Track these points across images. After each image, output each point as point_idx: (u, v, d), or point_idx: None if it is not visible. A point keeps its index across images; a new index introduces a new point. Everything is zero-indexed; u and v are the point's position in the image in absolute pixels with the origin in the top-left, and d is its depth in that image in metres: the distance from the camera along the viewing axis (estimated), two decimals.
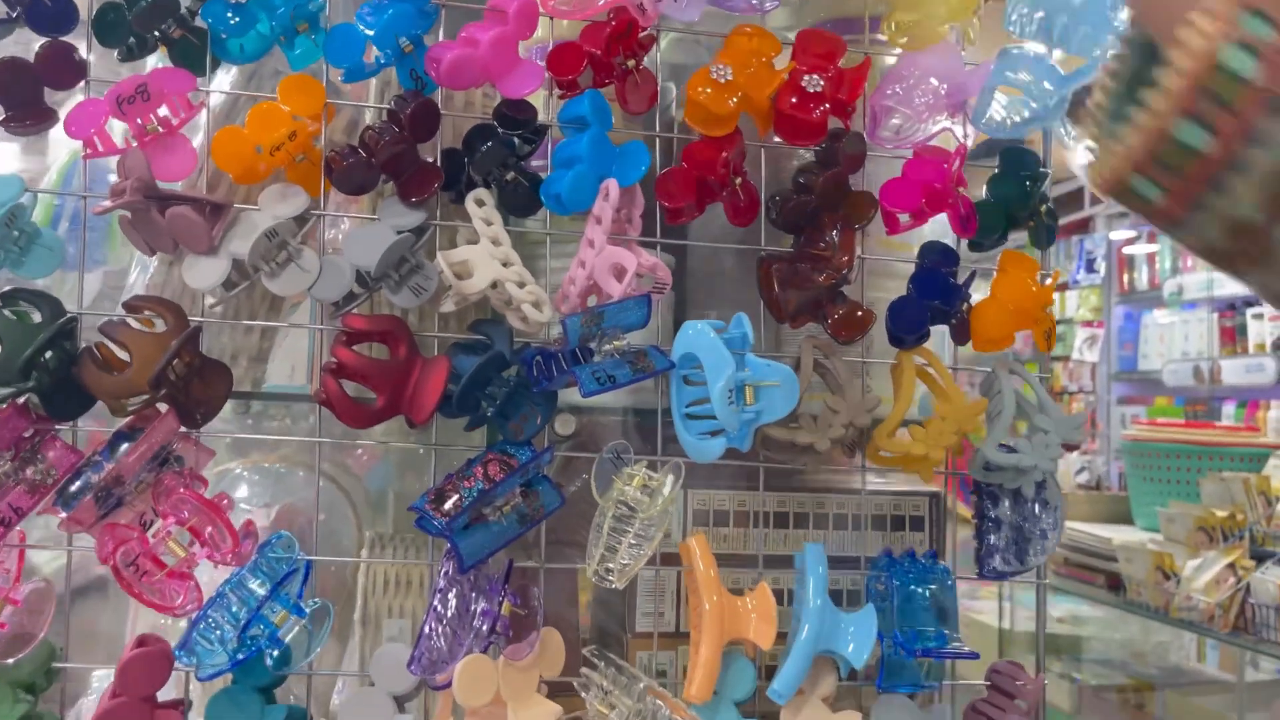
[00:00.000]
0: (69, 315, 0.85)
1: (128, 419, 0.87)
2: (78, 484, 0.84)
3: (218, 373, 0.89)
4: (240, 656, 0.84)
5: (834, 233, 0.94)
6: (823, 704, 0.94)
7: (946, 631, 0.94)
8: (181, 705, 0.88)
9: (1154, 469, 3.43)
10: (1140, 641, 3.31)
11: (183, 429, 0.87)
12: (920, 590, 0.95)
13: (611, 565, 0.89)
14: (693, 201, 0.92)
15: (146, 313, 0.87)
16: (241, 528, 0.86)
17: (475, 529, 0.88)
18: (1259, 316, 5.37)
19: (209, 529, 0.83)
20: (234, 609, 0.85)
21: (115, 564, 0.79)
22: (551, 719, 0.87)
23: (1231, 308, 5.56)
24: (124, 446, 0.85)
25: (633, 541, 0.89)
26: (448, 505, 0.87)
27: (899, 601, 0.94)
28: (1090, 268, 5.81)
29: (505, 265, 0.91)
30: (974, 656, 0.93)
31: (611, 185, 0.91)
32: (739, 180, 0.93)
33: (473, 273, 0.90)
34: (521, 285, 0.90)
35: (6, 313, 0.85)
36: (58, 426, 0.87)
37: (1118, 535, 2.94)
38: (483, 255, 0.91)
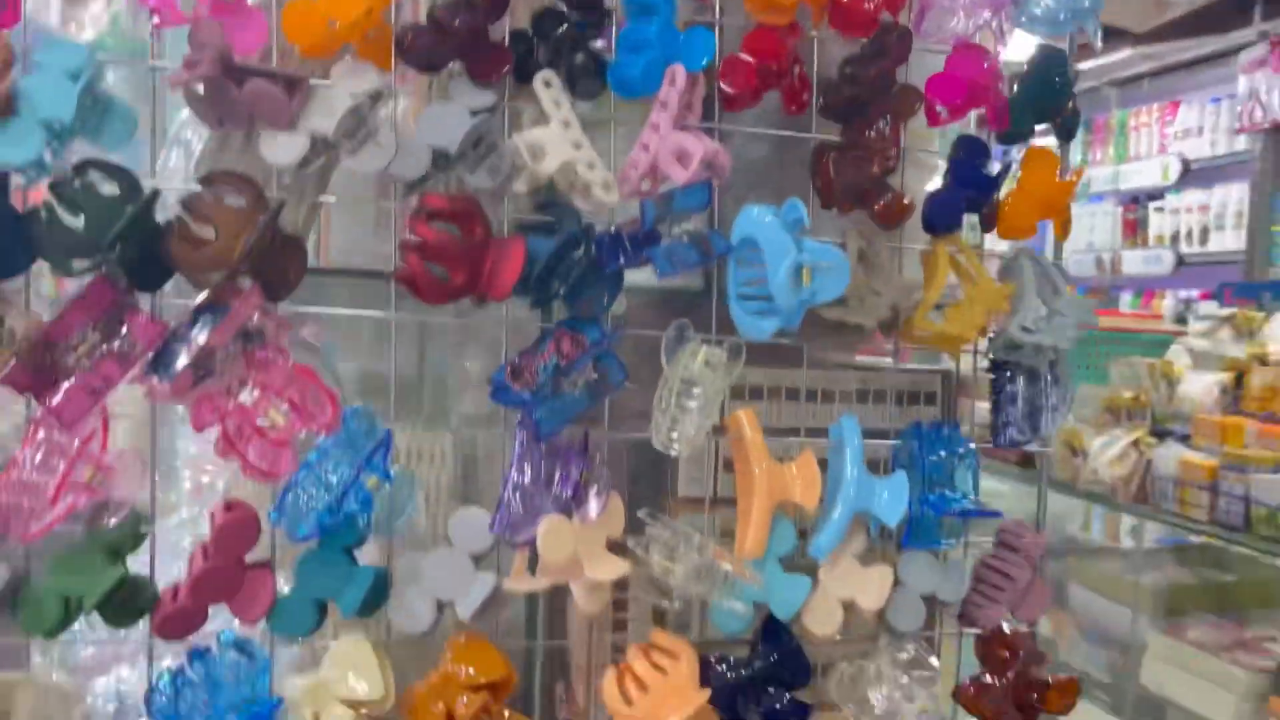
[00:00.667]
0: (153, 189, 0.85)
1: (207, 294, 0.88)
2: (169, 355, 0.85)
3: (295, 249, 0.91)
4: (329, 521, 0.89)
5: (882, 124, 0.99)
6: (855, 560, 1.04)
7: (968, 494, 1.04)
8: (269, 564, 0.92)
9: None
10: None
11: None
12: (946, 457, 1.04)
13: (676, 434, 0.95)
14: (755, 88, 0.96)
15: (225, 187, 0.87)
16: None
17: (549, 401, 0.93)
18: (1160, 210, 5.64)
19: (303, 398, 0.86)
20: (325, 476, 0.89)
21: (226, 432, 0.82)
22: (621, 572, 0.95)
23: (1135, 201, 5.82)
24: (206, 319, 0.87)
25: (696, 413, 0.95)
26: (525, 378, 0.92)
27: (927, 468, 1.03)
28: None
29: (576, 147, 0.93)
30: (998, 515, 1.04)
31: (679, 71, 0.93)
32: (797, 70, 0.97)
33: (545, 154, 0.93)
34: (591, 167, 0.93)
35: (83, 184, 0.84)
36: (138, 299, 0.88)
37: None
38: (554, 137, 0.93)
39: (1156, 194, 5.69)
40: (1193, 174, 5.54)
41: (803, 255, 0.94)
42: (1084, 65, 5.79)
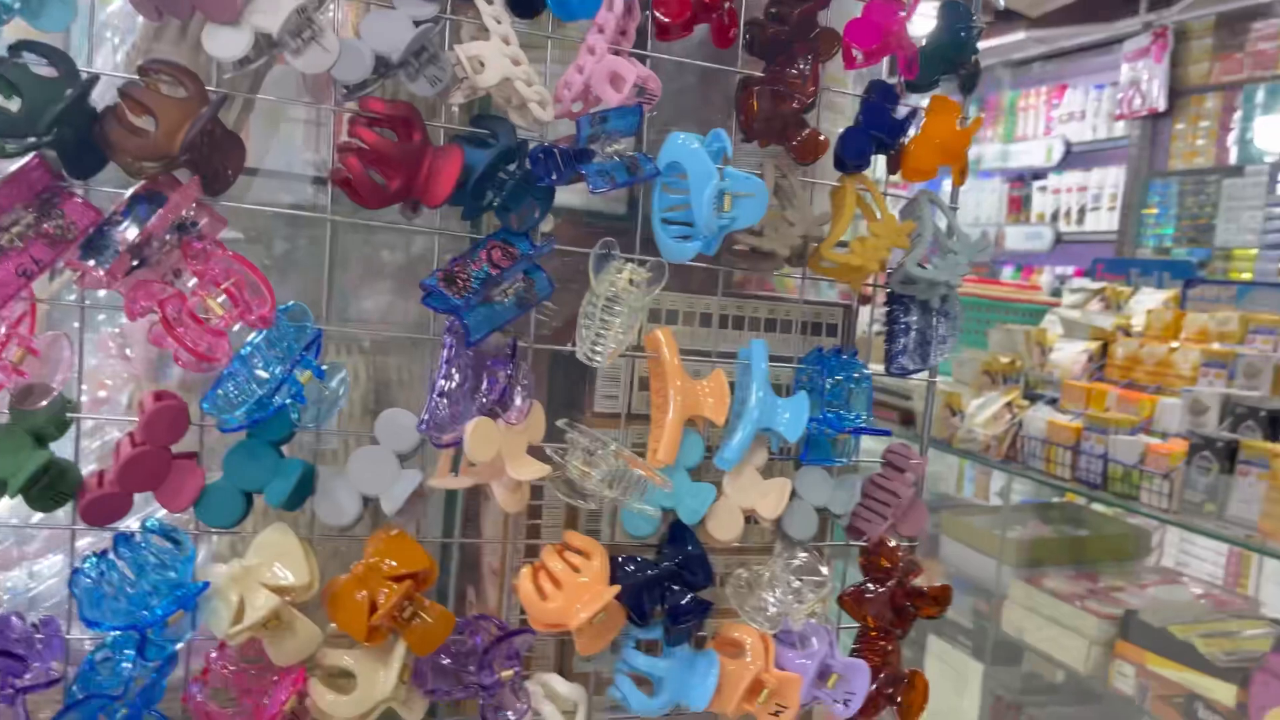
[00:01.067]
0: (91, 74, 0.85)
1: (142, 183, 0.89)
2: (103, 240, 0.86)
3: (234, 144, 0.92)
4: (259, 415, 0.91)
5: (803, 64, 1.05)
6: (756, 472, 1.11)
7: (863, 414, 1.12)
8: (195, 456, 0.94)
9: None
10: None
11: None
12: (843, 381, 1.12)
13: (599, 347, 1.01)
14: (687, 19, 1.01)
15: (163, 77, 0.88)
16: None
17: (479, 308, 0.97)
18: (1043, 189, 5.92)
19: (241, 289, 0.87)
20: (257, 370, 0.91)
21: (166, 316, 0.84)
22: (541, 473, 1.00)
23: (1020, 179, 6.09)
24: (142, 208, 0.88)
25: (619, 328, 1.00)
26: (458, 285, 0.95)
27: (826, 389, 1.11)
28: None
29: (515, 64, 0.97)
30: (887, 434, 1.12)
31: None
32: (728, 4, 1.02)
33: (485, 68, 0.96)
34: (529, 84, 0.97)
35: (18, 65, 0.84)
36: (71, 184, 0.88)
37: (913, 376, 3.26)
38: (494, 51, 0.96)
39: (1040, 173, 5.97)
40: (1074, 156, 5.83)
41: (725, 182, 1.00)
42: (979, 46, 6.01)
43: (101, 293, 0.91)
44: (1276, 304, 2.91)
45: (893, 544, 1.18)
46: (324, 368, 0.94)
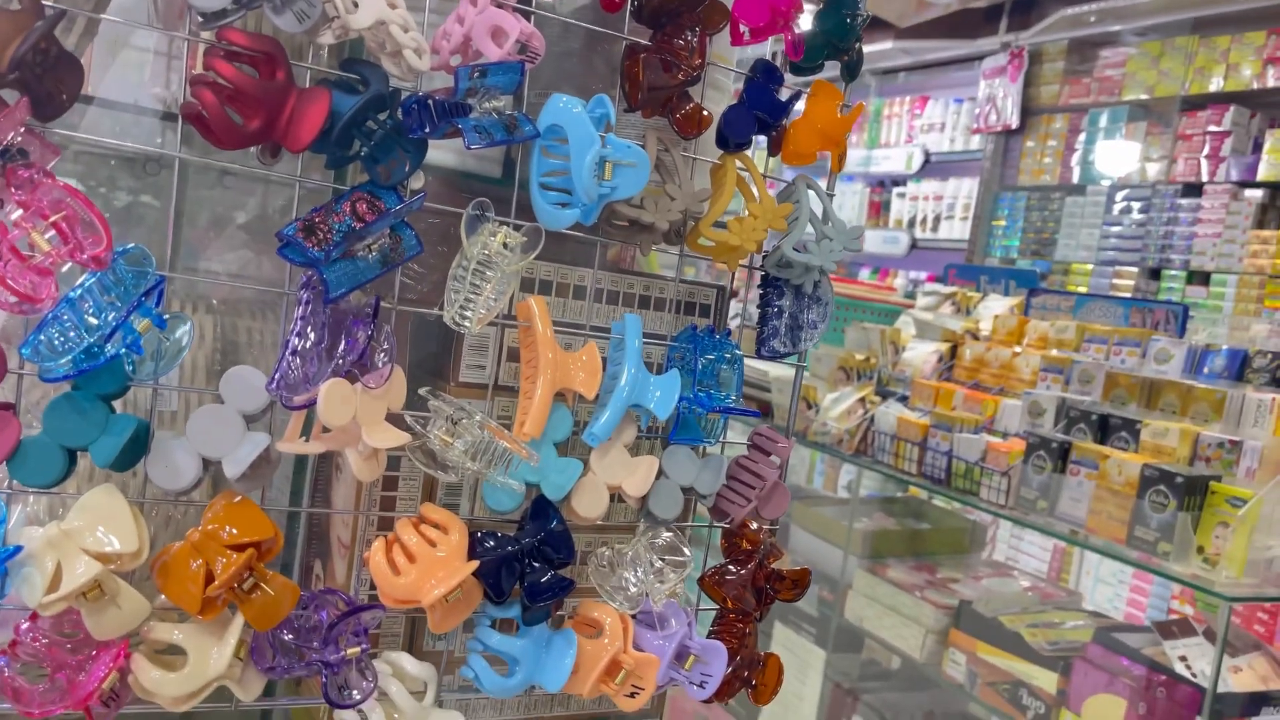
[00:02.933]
0: None
1: None
2: None
3: (71, 67, 0.83)
4: (87, 365, 0.83)
5: (690, 35, 1.03)
6: (624, 449, 1.09)
7: (733, 395, 1.11)
8: (12, 407, 0.85)
9: None
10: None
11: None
12: (715, 360, 1.11)
13: (469, 312, 0.96)
14: None
15: None
16: None
17: (340, 263, 0.91)
18: (902, 195, 6.12)
19: (72, 225, 0.79)
20: (88, 316, 0.83)
21: None
22: (400, 441, 0.95)
23: (881, 184, 6.28)
24: None
25: (491, 292, 0.96)
26: (318, 237, 0.89)
27: (698, 368, 1.10)
28: None
29: (391, 7, 0.91)
30: (756, 414, 1.12)
31: None
32: None
33: (358, 8, 0.90)
34: (405, 30, 0.92)
35: None
36: None
37: (773, 369, 3.33)
38: None
39: (900, 180, 6.17)
40: (932, 165, 6.06)
41: (607, 150, 0.97)
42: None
43: None
44: (1109, 316, 3.08)
45: (754, 526, 1.18)
46: (166, 317, 0.86)
